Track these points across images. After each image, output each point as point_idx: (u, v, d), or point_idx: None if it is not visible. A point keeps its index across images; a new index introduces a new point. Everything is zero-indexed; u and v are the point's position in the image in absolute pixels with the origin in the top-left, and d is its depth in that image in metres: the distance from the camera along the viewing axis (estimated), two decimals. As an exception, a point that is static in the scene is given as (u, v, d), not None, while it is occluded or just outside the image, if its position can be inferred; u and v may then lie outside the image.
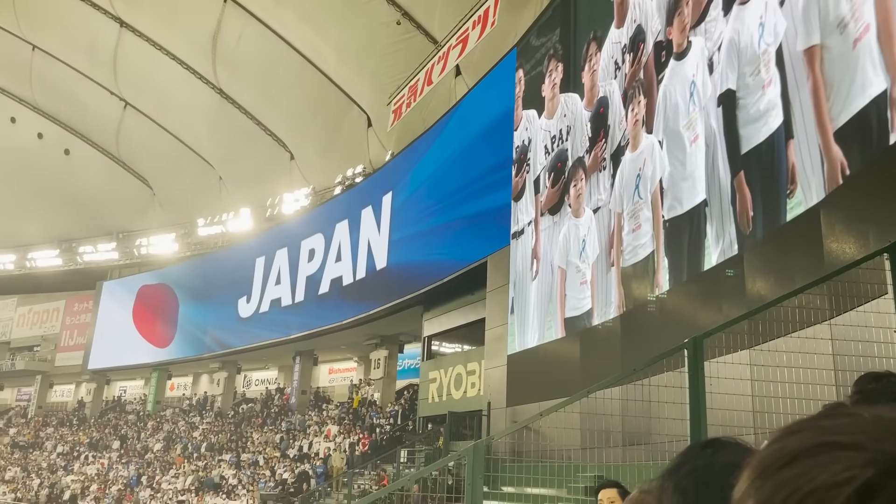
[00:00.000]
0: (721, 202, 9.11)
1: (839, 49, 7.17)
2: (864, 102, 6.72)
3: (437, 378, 19.18)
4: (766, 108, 8.35)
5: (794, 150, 7.75)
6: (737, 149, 8.88)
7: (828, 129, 7.20)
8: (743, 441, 0.96)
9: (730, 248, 8.85)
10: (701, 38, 10.04)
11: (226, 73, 27.36)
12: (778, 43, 8.20)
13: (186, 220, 33.35)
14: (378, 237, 22.13)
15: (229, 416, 30.18)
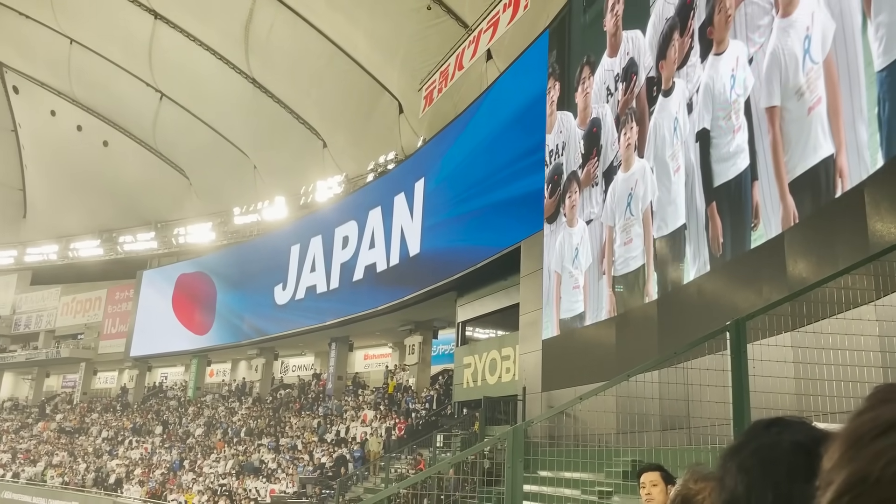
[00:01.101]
0: (697, 227, 10.31)
1: (796, 113, 8.25)
2: (815, 161, 7.84)
3: (471, 363, 19.23)
4: (735, 150, 9.46)
5: (759, 191, 8.84)
6: (710, 182, 10.03)
7: (784, 178, 8.35)
8: (809, 420, 0.93)
9: (703, 267, 10.08)
10: (683, 80, 11.18)
11: (258, 63, 27.57)
12: (747, 95, 9.26)
13: (222, 209, 33.81)
14: (411, 223, 22.19)
15: (267, 401, 30.68)
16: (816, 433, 0.90)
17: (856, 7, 7.44)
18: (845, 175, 7.37)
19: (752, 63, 9.21)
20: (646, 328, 11.39)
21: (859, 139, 7.21)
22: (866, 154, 7.09)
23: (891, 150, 6.76)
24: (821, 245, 7.68)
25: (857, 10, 7.43)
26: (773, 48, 8.81)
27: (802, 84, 8.17)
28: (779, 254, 8.24)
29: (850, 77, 7.45)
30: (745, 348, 3.90)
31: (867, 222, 6.71)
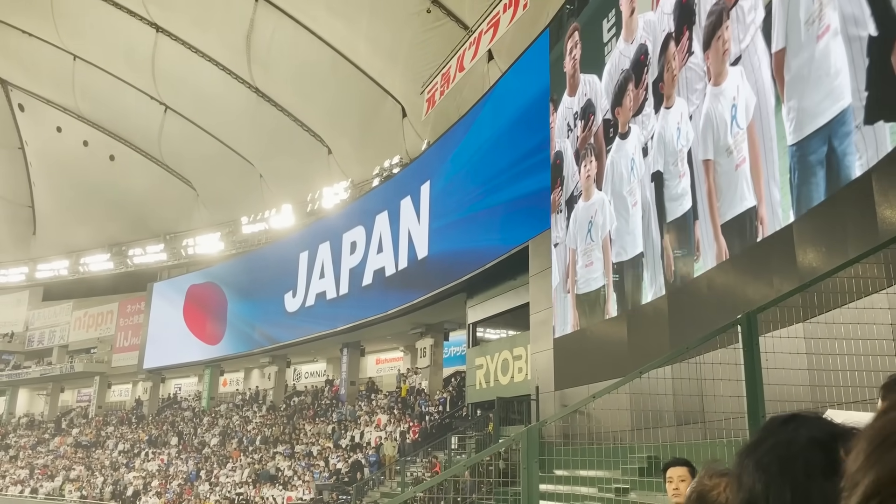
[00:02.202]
0: (654, 255, 11.75)
1: (726, 167, 9.68)
2: (741, 210, 9.27)
3: (483, 364, 19.22)
4: (681, 192, 10.93)
5: (699, 229, 10.36)
6: (664, 217, 11.48)
7: (717, 221, 9.86)
8: (824, 415, 0.93)
9: (660, 290, 11.50)
10: (638, 126, 12.49)
11: (261, 72, 27.68)
12: (689, 147, 10.73)
13: (230, 219, 33.94)
14: (418, 226, 22.21)
15: (281, 409, 30.76)
16: (833, 428, 0.89)
17: (770, 89, 8.74)
18: (765, 224, 8.75)
19: (693, 119, 10.64)
20: (657, 324, 11.36)
21: (773, 198, 8.60)
22: (779, 211, 8.49)
23: (799, 211, 8.07)
24: (830, 234, 7.64)
25: (771, 92, 8.72)
26: (707, 110, 10.22)
27: (731, 144, 9.55)
28: (788, 244, 8.20)
29: (766, 145, 8.77)
30: (756, 341, 3.88)
31: (876, 210, 6.67)
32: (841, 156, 7.41)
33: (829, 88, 7.61)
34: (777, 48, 8.63)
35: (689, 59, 10.83)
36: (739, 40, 9.52)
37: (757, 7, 9.09)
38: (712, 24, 10.21)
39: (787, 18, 8.49)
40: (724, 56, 9.90)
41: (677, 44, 11.27)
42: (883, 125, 6.81)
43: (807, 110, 8.00)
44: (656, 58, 11.96)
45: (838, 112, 7.45)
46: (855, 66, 7.27)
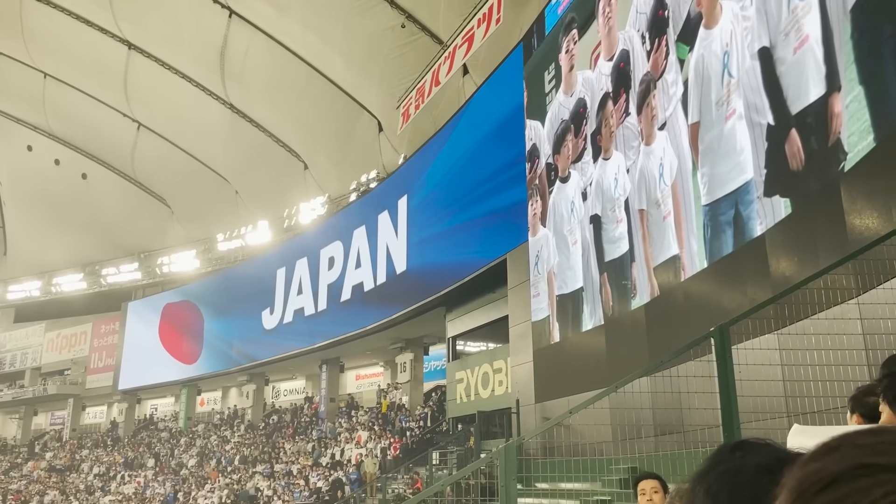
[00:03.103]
0: (593, 290, 12.88)
1: (656, 218, 10.89)
2: (668, 256, 10.54)
3: (464, 378, 19.15)
4: (619, 236, 12.08)
5: (636, 269, 11.56)
6: (602, 257, 12.63)
7: (650, 264, 11.06)
8: (773, 442, 0.94)
9: (598, 321, 12.66)
10: (578, 172, 13.63)
11: (235, 88, 27.56)
12: (626, 196, 11.86)
13: (206, 236, 33.63)
14: (396, 241, 22.16)
15: (260, 427, 30.39)
16: (780, 455, 0.91)
17: (688, 155, 9.95)
18: (686, 269, 10.07)
19: (629, 172, 11.82)
20: (635, 334, 11.41)
21: (692, 248, 9.88)
22: (696, 259, 9.77)
23: (711, 260, 9.35)
24: (802, 243, 7.73)
25: (689, 158, 9.94)
26: (641, 165, 11.43)
27: (659, 198, 10.83)
28: (761, 253, 8.29)
29: (686, 203, 10.06)
30: (730, 353, 3.89)
31: (845, 219, 6.75)
32: (745, 219, 8.61)
33: (736, 162, 8.80)
34: (693, 121, 9.86)
35: (626, 118, 12.02)
36: (664, 109, 10.71)
37: (677, 83, 10.28)
38: (643, 91, 11.44)
39: (701, 98, 9.66)
40: (652, 120, 11.08)
41: (615, 103, 12.44)
42: (779, 199, 8.05)
43: (717, 177, 9.21)
44: (594, 112, 13.15)
45: (743, 183, 8.65)
46: (756, 147, 8.39)
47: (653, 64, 11.15)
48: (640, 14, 11.67)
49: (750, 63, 8.61)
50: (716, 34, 9.47)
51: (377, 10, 21.61)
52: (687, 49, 10.10)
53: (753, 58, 8.54)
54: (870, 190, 6.69)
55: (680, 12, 10.35)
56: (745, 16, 8.81)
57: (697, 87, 9.73)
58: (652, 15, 11.22)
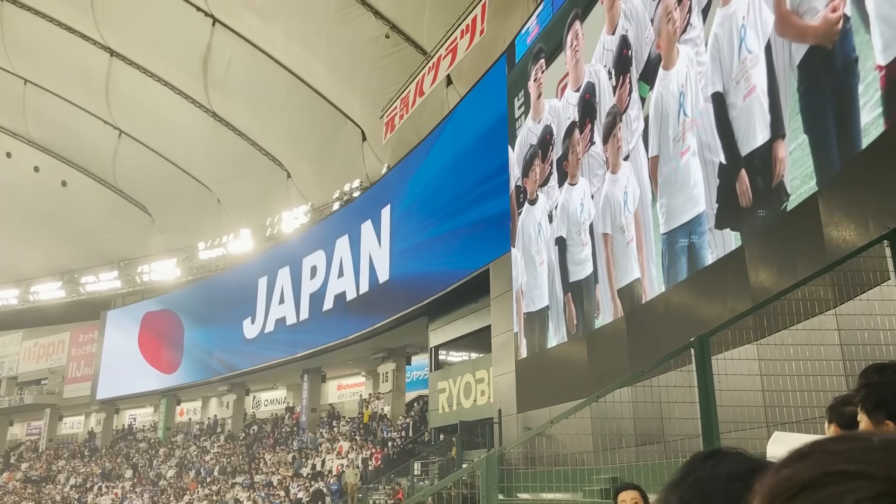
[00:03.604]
0: (557, 309, 13.41)
1: (620, 243, 11.53)
2: (630, 280, 11.14)
3: (446, 388, 19.11)
4: (584, 258, 12.65)
5: (599, 290, 12.14)
6: (567, 277, 13.18)
7: (614, 287, 11.66)
8: (745, 451, 0.96)
9: (563, 338, 13.21)
10: (545, 195, 14.29)
11: (218, 96, 27.44)
12: (590, 221, 12.48)
13: (187, 245, 33.36)
14: (379, 250, 22.12)
15: (240, 438, 30.10)
16: (752, 464, 0.93)
17: (648, 186, 10.67)
18: (647, 292, 10.70)
19: (594, 198, 12.44)
20: (616, 344, 11.46)
21: (652, 273, 10.52)
22: (656, 284, 10.39)
23: (668, 284, 10.01)
24: (780, 255, 7.82)
25: (649, 188, 10.64)
26: (606, 192, 12.05)
27: (623, 224, 11.44)
28: (741, 264, 8.38)
29: (647, 230, 10.69)
30: (709, 363, 3.92)
31: (823, 231, 6.85)
32: (698, 248, 9.31)
33: (690, 195, 9.51)
34: (652, 154, 10.57)
35: (592, 147, 12.68)
36: (628, 141, 11.44)
37: (639, 118, 11.02)
38: (609, 122, 12.09)
39: (660, 134, 10.37)
40: (618, 151, 11.78)
41: (581, 132, 13.12)
42: (729, 231, 8.72)
43: (674, 208, 9.91)
44: (561, 139, 13.80)
45: (696, 215, 9.35)
46: (709, 183, 9.11)
47: (618, 98, 11.87)
48: (607, 51, 12.36)
49: (704, 105, 9.28)
50: (673, 75, 10.15)
51: (361, 20, 21.65)
52: (648, 88, 10.82)
53: (707, 101, 9.21)
54: (847, 203, 6.79)
55: (642, 53, 11.12)
56: (700, 61, 9.46)
57: (657, 123, 10.44)
58: (617, 53, 11.95)
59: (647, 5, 11.05)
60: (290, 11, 22.91)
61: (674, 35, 10.16)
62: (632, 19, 11.55)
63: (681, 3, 9.99)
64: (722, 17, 9.00)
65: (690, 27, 9.76)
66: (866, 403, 2.01)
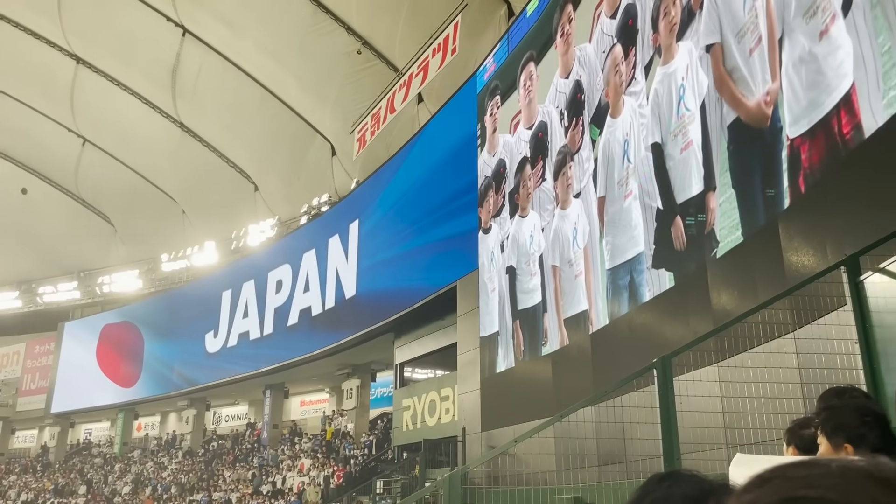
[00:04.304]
0: (507, 336, 14.05)
1: (568, 275, 12.12)
2: (578, 311, 11.74)
3: (410, 405, 18.99)
4: (533, 287, 13.27)
5: (547, 319, 12.69)
6: (516, 305, 13.81)
7: (561, 316, 12.25)
8: (700, 473, 0.97)
9: (511, 363, 13.80)
10: (498, 225, 15.08)
11: (186, 107, 27.16)
12: (540, 252, 13.13)
13: (150, 256, 32.80)
14: (346, 265, 22.00)
15: (199, 454, 29.49)
16: (706, 486, 0.95)
17: (596, 223, 11.32)
18: (594, 323, 11.24)
19: (544, 231, 13.05)
20: (581, 364, 11.51)
21: (598, 306, 11.14)
22: (602, 315, 11.00)
23: (611, 318, 10.65)
24: (742, 278, 7.95)
25: (597, 226, 11.31)
26: (556, 226, 12.68)
27: (572, 258, 12.08)
28: (703, 287, 8.51)
29: (594, 265, 11.34)
30: (671, 384, 3.96)
31: (783, 255, 6.99)
32: (637, 285, 10.02)
33: (631, 235, 10.22)
34: (600, 195, 11.30)
35: (542, 183, 13.35)
36: (580, 180, 12.10)
37: (590, 159, 11.73)
38: (560, 161, 12.79)
39: (607, 176, 11.15)
40: (568, 188, 12.44)
41: (532, 168, 13.83)
42: (664, 272, 9.44)
43: (618, 246, 10.62)
44: (513, 173, 14.57)
45: (636, 254, 10.06)
46: (647, 226, 9.82)
47: (570, 139, 12.55)
48: (560, 93, 13.10)
49: (644, 154, 10.01)
50: (619, 123, 10.90)
51: (334, 35, 21.68)
52: (598, 132, 11.55)
53: (647, 150, 9.92)
54: (806, 228, 6.94)
55: (594, 99, 11.87)
56: (642, 113, 10.19)
57: (604, 166, 11.23)
58: (571, 96, 12.68)
59: (598, 55, 11.84)
60: (261, 24, 22.84)
61: (620, 87, 10.92)
62: (585, 66, 12.31)
63: (627, 58, 10.80)
64: (662, 76, 9.74)
65: (635, 81, 10.52)
66: (826, 427, 2.05)
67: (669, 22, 9.58)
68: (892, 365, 3.49)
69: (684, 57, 9.24)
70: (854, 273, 3.91)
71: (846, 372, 3.97)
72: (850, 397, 2.54)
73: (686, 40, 9.21)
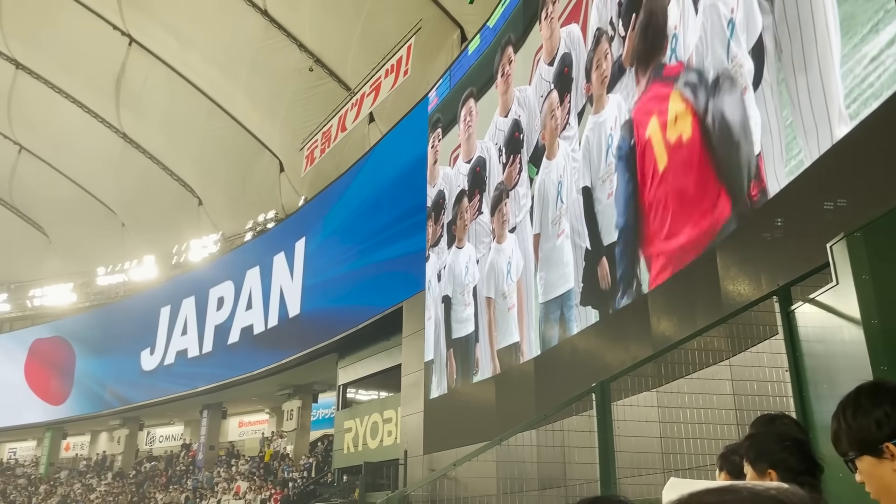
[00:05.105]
0: (441, 363, 14.42)
1: (502, 307, 12.60)
2: (510, 342, 12.14)
3: (352, 427, 18.74)
4: (466, 317, 13.71)
5: (479, 349, 13.09)
6: (450, 334, 14.18)
7: (494, 347, 12.63)
8: (626, 499, 0.98)
9: (443, 391, 14.18)
10: (435, 255, 15.52)
11: (130, 117, 26.54)
12: (475, 284, 13.55)
13: (85, 269, 31.71)
14: (291, 284, 21.68)
15: (130, 476, 28.43)
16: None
17: (531, 258, 11.74)
18: (525, 354, 11.61)
19: (479, 263, 13.52)
20: (524, 387, 11.56)
21: (531, 338, 11.50)
22: (534, 346, 11.34)
23: (544, 349, 11.01)
24: (681, 305, 8.14)
25: (532, 261, 11.72)
26: (491, 259, 13.13)
27: (506, 291, 12.49)
28: (644, 313, 8.67)
29: (528, 299, 11.71)
30: (609, 409, 3.99)
31: (720, 284, 7.18)
32: (567, 320, 10.50)
33: (562, 272, 10.73)
34: (535, 232, 11.74)
35: (479, 216, 13.82)
36: (515, 215, 12.54)
37: (527, 196, 12.18)
38: (497, 197, 13.25)
39: (542, 214, 11.65)
40: (503, 224, 12.92)
41: (470, 201, 14.33)
42: (591, 309, 9.98)
43: (550, 282, 11.08)
44: (451, 205, 15.03)
45: (566, 290, 10.58)
46: (577, 264, 10.38)
47: (507, 176, 13.04)
48: (500, 131, 13.59)
49: (576, 196, 10.61)
50: (553, 165, 11.45)
51: (285, 51, 21.56)
52: (535, 170, 12.05)
53: (578, 193, 10.52)
54: (742, 258, 7.16)
55: (532, 139, 12.35)
56: (575, 157, 10.77)
57: (540, 204, 11.75)
58: (509, 135, 13.17)
59: (537, 98, 12.35)
60: (212, 37, 22.56)
61: (556, 130, 11.45)
62: (525, 107, 12.79)
63: (562, 103, 11.34)
64: (593, 124, 10.30)
65: (569, 126, 11.06)
66: (749, 454, 2.14)
67: (601, 74, 10.16)
68: (820, 392, 3.60)
69: (613, 109, 9.80)
70: (785, 303, 4.03)
71: (777, 399, 4.07)
72: (780, 424, 2.62)
73: (616, 93, 9.74)
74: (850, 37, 5.51)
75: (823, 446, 3.37)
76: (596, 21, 10.55)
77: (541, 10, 12.45)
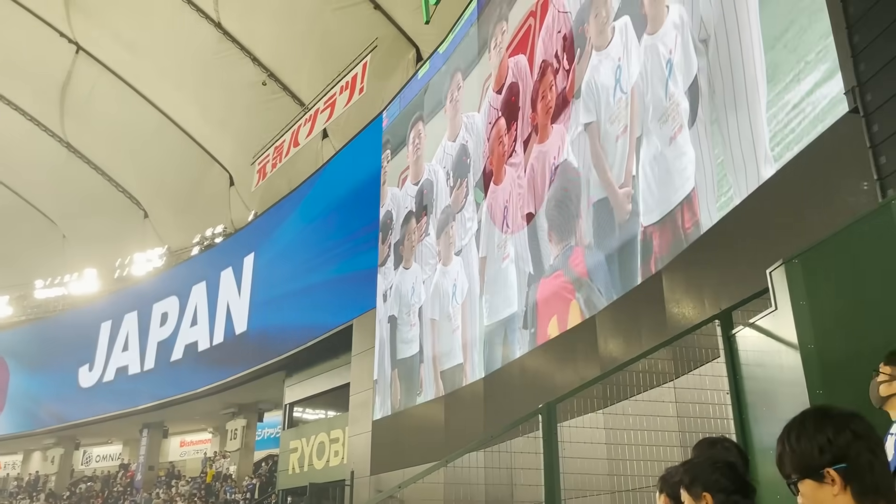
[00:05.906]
0: (385, 384, 14.52)
1: (447, 329, 12.64)
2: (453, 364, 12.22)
3: (298, 447, 18.39)
4: (411, 338, 13.79)
5: (423, 370, 13.17)
6: (395, 354, 14.35)
7: (437, 368, 12.75)
8: None
9: (387, 412, 14.25)
10: (382, 276, 15.56)
11: (74, 126, 25.82)
12: (420, 304, 13.67)
13: (22, 282, 30.52)
14: (238, 300, 21.26)
15: (64, 497, 27.31)
16: None
17: (477, 281, 11.86)
18: (468, 376, 11.74)
19: (425, 284, 13.59)
20: (473, 407, 11.53)
21: (475, 360, 11.61)
22: (478, 369, 11.44)
23: (489, 370, 11.08)
24: (628, 326, 8.24)
25: (477, 284, 11.85)
26: (437, 281, 13.25)
27: (451, 313, 12.60)
28: (591, 334, 8.75)
29: (472, 320, 11.86)
30: (556, 430, 4.00)
31: (665, 306, 7.30)
32: (511, 342, 10.58)
33: (507, 296, 10.86)
34: (482, 255, 11.91)
35: (426, 238, 13.97)
36: (461, 238, 12.71)
37: (473, 219, 12.38)
38: (443, 220, 13.43)
39: (487, 239, 11.84)
40: (449, 246, 13.06)
41: (417, 222, 14.48)
42: (534, 331, 10.03)
43: (495, 305, 11.23)
44: (399, 225, 15.19)
45: (511, 314, 10.68)
46: (520, 288, 10.54)
47: (454, 199, 13.23)
48: (448, 154, 13.78)
49: (520, 221, 10.83)
50: (500, 191, 11.68)
51: (239, 64, 21.32)
52: (482, 195, 12.24)
53: (523, 218, 10.76)
54: (686, 282, 7.30)
55: (479, 164, 12.59)
56: (520, 184, 11.02)
57: (486, 228, 11.94)
58: (457, 159, 13.38)
59: (485, 125, 12.59)
60: (163, 48, 22.16)
61: (503, 157, 11.71)
62: (472, 133, 13.02)
63: (509, 130, 11.62)
64: (537, 152, 10.57)
65: (515, 153, 11.33)
66: (685, 479, 2.27)
67: (546, 104, 10.40)
68: (759, 415, 3.68)
69: (556, 139, 10.04)
70: (727, 327, 4.12)
71: (719, 421, 4.15)
72: (720, 447, 2.69)
73: (559, 123, 10.00)
74: (775, 83, 5.77)
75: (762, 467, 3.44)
76: (542, 53, 10.82)
77: (490, 40, 12.74)
